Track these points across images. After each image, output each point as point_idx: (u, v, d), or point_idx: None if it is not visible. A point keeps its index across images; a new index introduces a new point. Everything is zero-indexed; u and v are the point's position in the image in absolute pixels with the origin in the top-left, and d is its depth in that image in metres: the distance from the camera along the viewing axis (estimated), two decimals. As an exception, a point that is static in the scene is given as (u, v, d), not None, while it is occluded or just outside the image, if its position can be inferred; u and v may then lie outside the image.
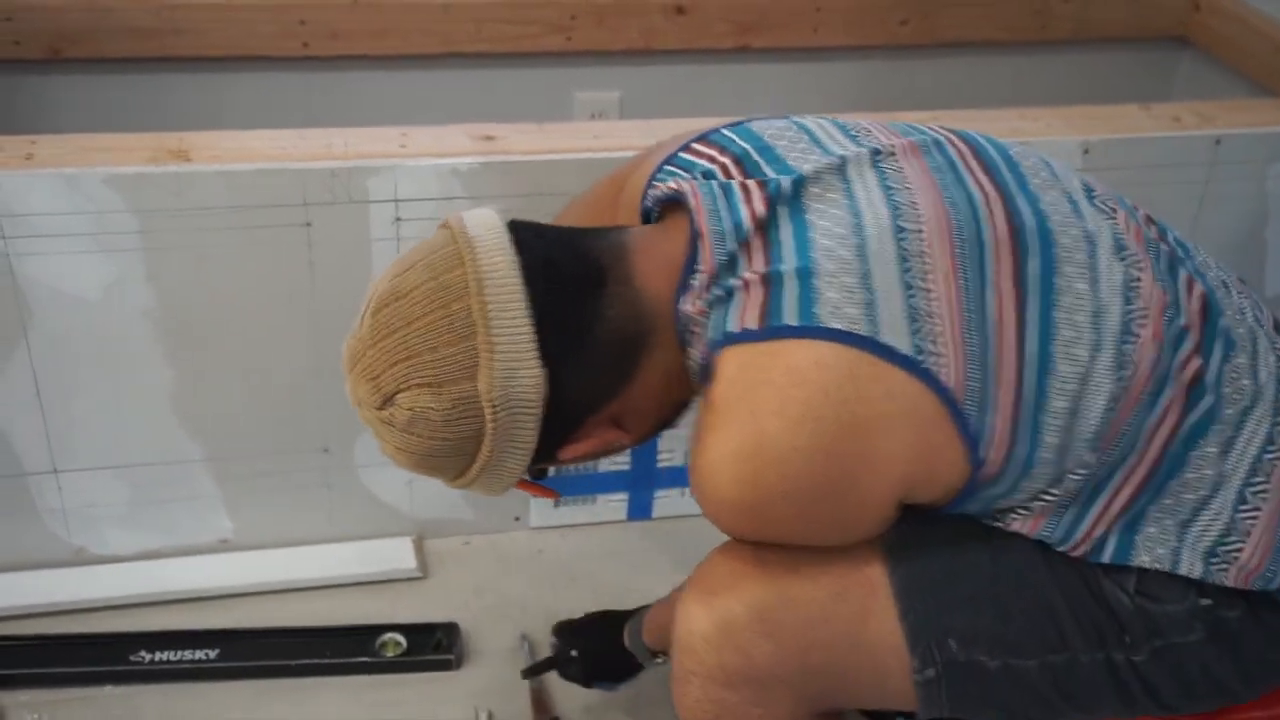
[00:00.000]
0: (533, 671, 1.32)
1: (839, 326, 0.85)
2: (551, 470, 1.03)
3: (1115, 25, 2.03)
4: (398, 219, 1.34)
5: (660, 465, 1.58)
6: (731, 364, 0.87)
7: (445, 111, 1.81)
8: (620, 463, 1.57)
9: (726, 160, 0.96)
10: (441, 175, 1.33)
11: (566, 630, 1.31)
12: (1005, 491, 0.92)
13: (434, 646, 1.39)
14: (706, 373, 0.90)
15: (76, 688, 1.33)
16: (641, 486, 1.60)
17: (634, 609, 1.25)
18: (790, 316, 0.86)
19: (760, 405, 0.85)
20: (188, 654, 1.36)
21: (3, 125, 1.59)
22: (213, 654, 1.37)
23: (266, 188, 1.30)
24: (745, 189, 0.91)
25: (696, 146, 0.99)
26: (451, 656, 1.38)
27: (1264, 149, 1.54)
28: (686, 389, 0.97)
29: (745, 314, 0.87)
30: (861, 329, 0.85)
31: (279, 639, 1.40)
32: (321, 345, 1.39)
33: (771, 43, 1.91)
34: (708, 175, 0.96)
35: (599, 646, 1.27)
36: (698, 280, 0.90)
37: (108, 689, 1.34)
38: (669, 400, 0.98)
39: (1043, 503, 0.92)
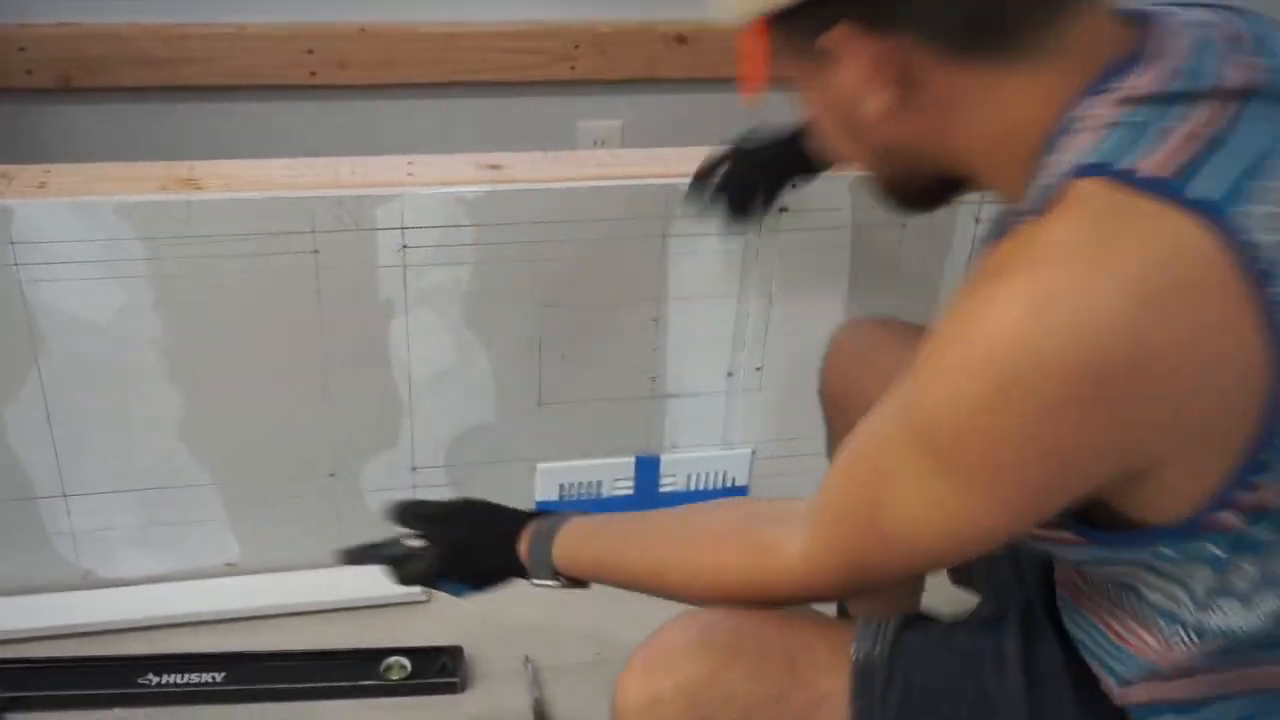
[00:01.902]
0: (353, 557, 1.12)
1: (1254, 239, 0.66)
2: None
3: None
4: (404, 246, 1.36)
5: (663, 491, 1.60)
6: (1098, 200, 0.68)
7: (450, 139, 1.84)
8: (624, 488, 1.59)
9: (1227, 28, 0.76)
10: (447, 203, 1.35)
11: (424, 514, 1.10)
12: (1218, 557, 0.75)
13: (439, 670, 1.40)
14: (1044, 195, 0.71)
15: (84, 710, 1.34)
16: (644, 511, 1.61)
17: (533, 513, 1.10)
18: (1210, 190, 0.67)
19: (1110, 261, 0.66)
20: (194, 677, 1.37)
21: (15, 154, 1.61)
22: (219, 677, 1.38)
23: (274, 215, 1.32)
24: (1234, 56, 0.73)
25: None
26: (456, 679, 1.39)
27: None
28: (985, 161, 0.77)
29: (1154, 158, 0.68)
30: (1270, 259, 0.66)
31: (285, 662, 1.40)
32: (328, 371, 1.41)
33: (773, 72, 1.94)
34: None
35: (476, 539, 1.09)
36: (1122, 91, 0.71)
37: (116, 712, 1.35)
38: (965, 136, 0.76)
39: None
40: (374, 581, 1.50)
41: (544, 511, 1.09)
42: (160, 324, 1.35)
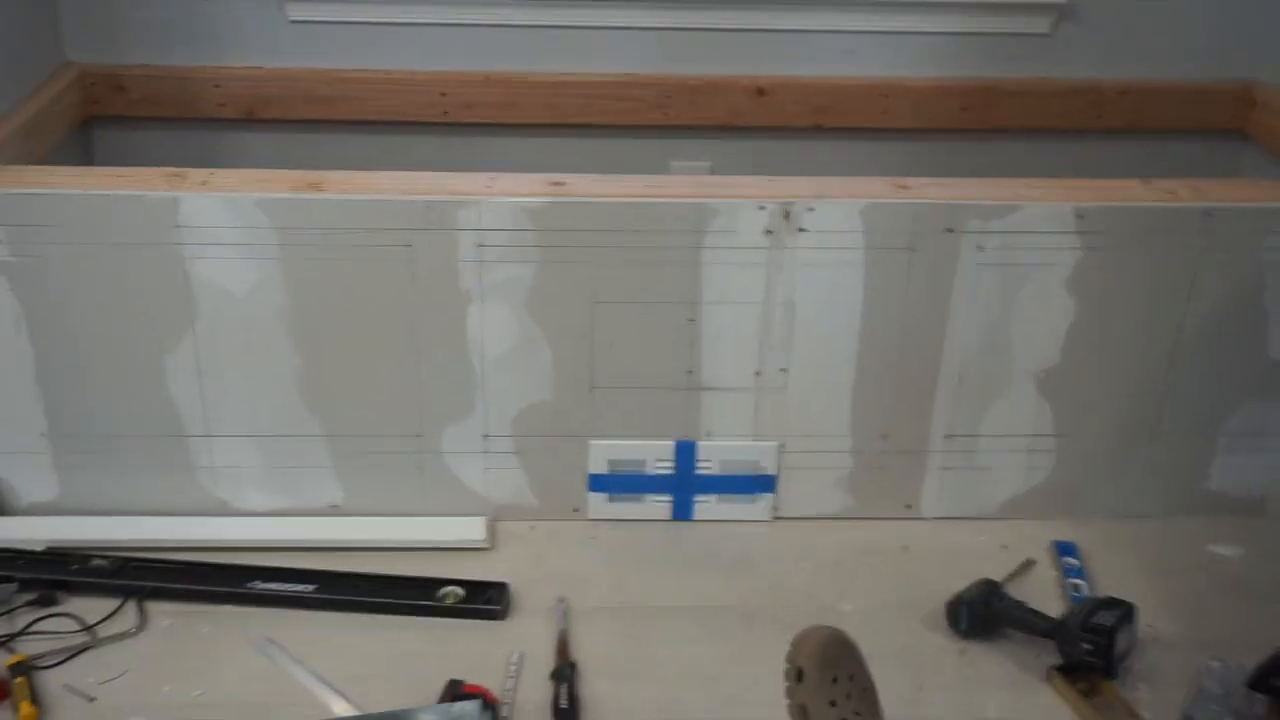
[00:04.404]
0: None
1: None
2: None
3: (1170, 117, 2.21)
4: (480, 245, 1.66)
5: (699, 472, 1.84)
6: None
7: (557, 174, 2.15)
8: (665, 468, 1.83)
9: None
10: (515, 211, 1.65)
11: None
12: None
13: (486, 599, 1.67)
14: None
15: (204, 604, 1.67)
16: (683, 491, 1.85)
17: None
18: None
19: None
20: (290, 586, 1.69)
21: (201, 167, 2.01)
22: (310, 589, 1.69)
23: (377, 214, 1.64)
24: None
25: None
26: (499, 608, 1.66)
27: (1255, 222, 1.70)
28: None
29: None
30: None
31: (363, 582, 1.70)
32: (418, 345, 1.72)
33: (842, 122, 2.18)
34: None
35: None
36: None
37: (227, 607, 1.67)
38: None
39: None
40: (443, 526, 1.82)
41: None
42: (285, 297, 1.68)
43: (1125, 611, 1.59)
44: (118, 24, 2.12)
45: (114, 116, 2.17)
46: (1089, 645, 1.56)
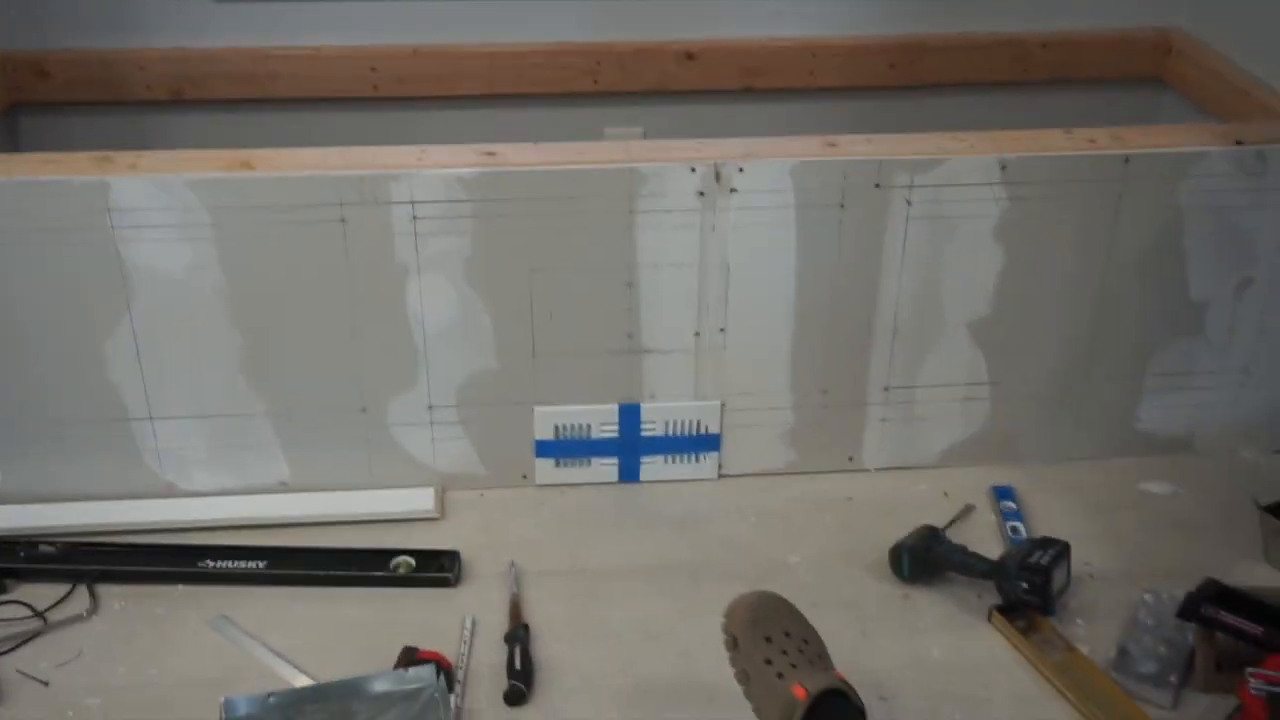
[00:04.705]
0: None
1: None
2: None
3: (1092, 68, 2.25)
4: (414, 217, 1.67)
5: (644, 435, 1.86)
6: None
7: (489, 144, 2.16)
8: (610, 432, 1.85)
9: None
10: (448, 182, 1.66)
11: None
12: None
13: (437, 568, 1.69)
14: None
15: (156, 585, 1.68)
16: (629, 453, 1.88)
17: None
18: None
19: None
20: (242, 564, 1.70)
21: (131, 150, 1.99)
22: (262, 565, 1.70)
23: (311, 191, 1.64)
24: None
25: None
26: (450, 575, 1.68)
27: (1172, 167, 1.75)
28: None
29: None
30: None
31: (314, 556, 1.72)
32: (358, 319, 1.73)
33: (772, 84, 2.20)
34: None
35: None
36: None
37: (179, 588, 1.68)
38: None
39: None
40: (392, 498, 1.84)
41: None
42: (222, 277, 1.68)
43: (1060, 550, 1.64)
44: (39, 8, 2.09)
45: (38, 103, 2.15)
46: (1026, 584, 1.60)
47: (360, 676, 1.44)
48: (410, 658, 1.51)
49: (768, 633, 1.39)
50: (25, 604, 1.64)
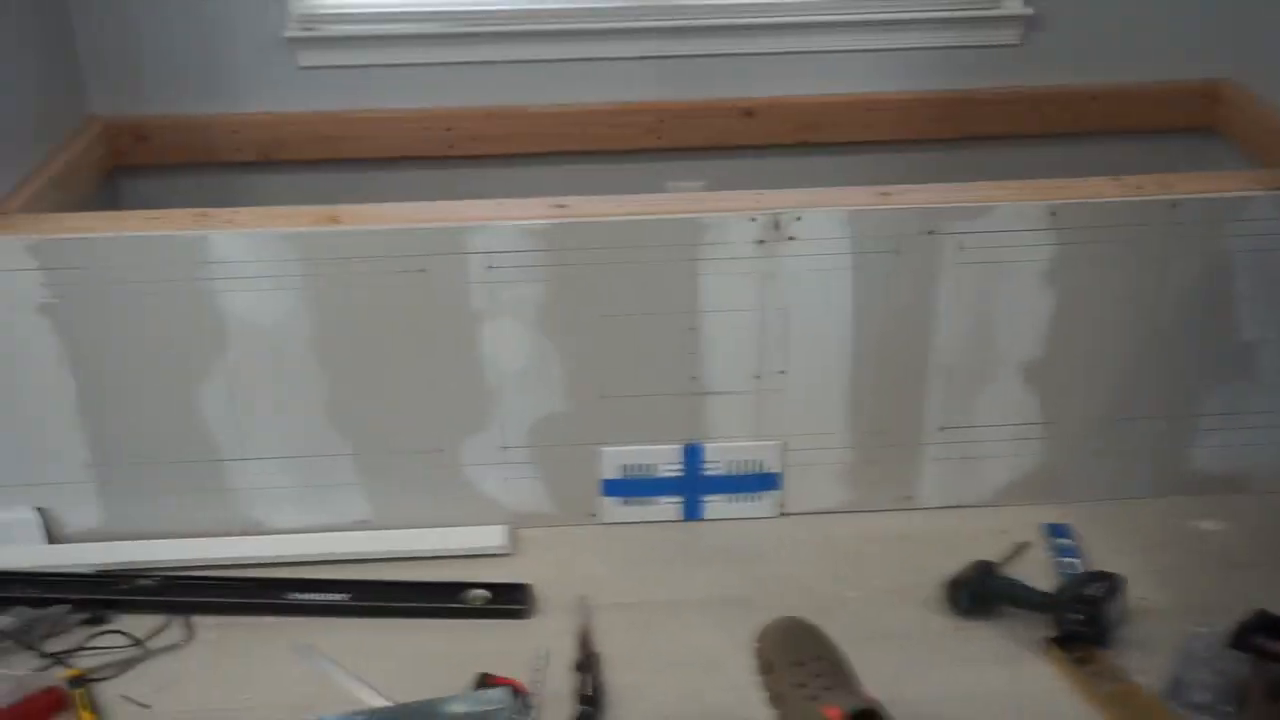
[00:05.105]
0: None
1: None
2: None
3: (1141, 118, 2.31)
4: (490, 266, 1.77)
5: (706, 474, 1.94)
6: None
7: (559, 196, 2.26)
8: (674, 471, 1.93)
9: None
10: (521, 233, 1.76)
11: None
12: None
13: (510, 600, 1.77)
14: None
15: (244, 615, 1.78)
16: (692, 491, 1.95)
17: None
18: None
19: None
20: (325, 596, 1.79)
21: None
22: (344, 597, 1.79)
23: (394, 243, 1.75)
24: None
25: None
26: (522, 608, 1.76)
27: (1219, 211, 1.80)
28: None
29: None
30: None
31: (393, 589, 1.81)
32: (435, 364, 1.83)
33: (827, 138, 2.29)
34: None
35: None
36: None
37: (267, 619, 1.78)
38: None
39: None
40: (466, 535, 1.92)
41: None
42: (310, 325, 1.79)
43: (1114, 583, 1.69)
44: (136, 77, 2.24)
45: (137, 165, 2.29)
46: (1080, 616, 1.65)
47: (439, 698, 1.52)
48: (485, 684, 1.59)
49: (799, 657, 1.45)
50: (125, 633, 1.74)
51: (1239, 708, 1.55)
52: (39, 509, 1.90)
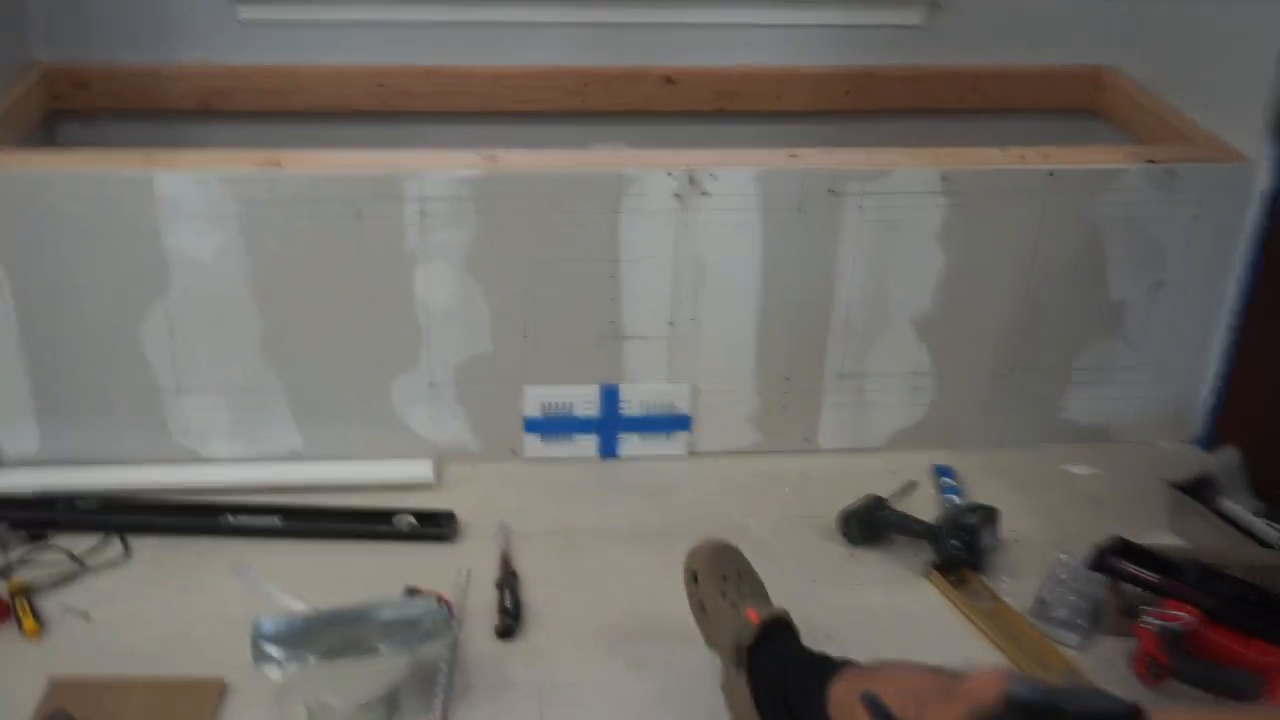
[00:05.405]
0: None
1: None
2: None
3: (1029, 99, 2.49)
4: (422, 212, 1.88)
5: (622, 414, 2.07)
6: None
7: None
8: (591, 411, 2.06)
9: None
10: (454, 182, 1.87)
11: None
12: None
13: (435, 525, 1.89)
14: None
15: (182, 537, 1.87)
16: (609, 430, 2.08)
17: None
18: None
19: None
20: (260, 520, 1.89)
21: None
22: (277, 520, 1.89)
23: (333, 188, 1.86)
24: None
25: None
26: (447, 532, 1.88)
27: (1093, 181, 1.98)
28: None
29: None
30: None
31: (325, 514, 1.91)
32: (368, 306, 1.93)
33: (743, 106, 2.44)
34: None
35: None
36: None
37: (203, 540, 1.87)
38: None
39: None
40: (395, 468, 2.03)
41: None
42: (249, 265, 1.89)
43: (989, 514, 1.86)
44: (80, 24, 2.30)
45: (76, 110, 2.35)
46: (958, 543, 1.82)
47: (371, 604, 1.63)
48: (412, 595, 1.71)
49: (724, 573, 1.60)
50: (65, 550, 1.82)
51: (1095, 623, 1.72)
52: (-21, 435, 1.97)
